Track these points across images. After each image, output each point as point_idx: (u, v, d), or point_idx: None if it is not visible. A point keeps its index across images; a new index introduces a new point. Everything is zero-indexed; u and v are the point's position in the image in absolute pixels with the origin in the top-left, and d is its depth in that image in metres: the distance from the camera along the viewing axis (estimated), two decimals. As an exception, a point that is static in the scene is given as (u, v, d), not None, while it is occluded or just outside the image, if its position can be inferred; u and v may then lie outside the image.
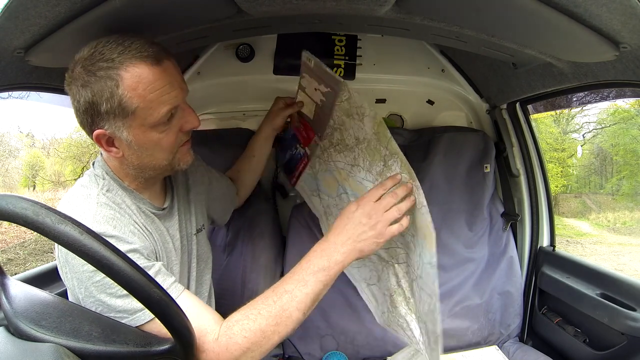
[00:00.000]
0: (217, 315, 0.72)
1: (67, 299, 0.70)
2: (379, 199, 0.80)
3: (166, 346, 0.59)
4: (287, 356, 1.27)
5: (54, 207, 0.50)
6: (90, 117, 0.71)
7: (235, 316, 0.71)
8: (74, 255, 0.61)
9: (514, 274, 1.31)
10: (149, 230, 0.78)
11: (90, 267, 0.61)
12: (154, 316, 0.63)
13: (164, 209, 0.85)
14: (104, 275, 0.58)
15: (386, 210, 0.78)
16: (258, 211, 1.35)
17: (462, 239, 1.32)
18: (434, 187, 1.34)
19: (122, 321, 0.66)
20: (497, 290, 1.31)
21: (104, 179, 0.77)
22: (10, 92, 0.88)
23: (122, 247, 0.68)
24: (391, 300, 1.04)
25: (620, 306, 1.00)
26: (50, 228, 0.47)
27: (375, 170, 0.97)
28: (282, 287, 0.72)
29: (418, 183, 0.89)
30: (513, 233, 1.37)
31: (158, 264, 0.73)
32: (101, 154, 0.81)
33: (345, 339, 1.28)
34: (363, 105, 0.95)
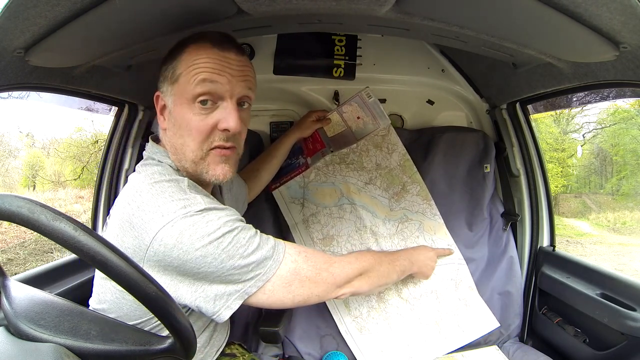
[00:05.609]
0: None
1: (68, 299, 0.70)
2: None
3: (166, 344, 0.59)
4: (287, 356, 1.27)
5: (52, 206, 0.50)
6: (160, 76, 0.78)
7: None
8: (193, 231, 0.65)
9: (514, 274, 1.31)
10: None
11: (216, 235, 0.66)
12: (281, 258, 0.74)
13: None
14: (232, 236, 0.66)
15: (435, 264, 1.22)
16: (258, 211, 1.35)
17: (462, 239, 1.32)
18: (434, 187, 1.34)
19: (258, 280, 0.72)
20: (497, 290, 1.31)
21: (178, 170, 0.78)
22: (10, 92, 0.88)
23: (234, 215, 0.72)
24: (378, 298, 1.26)
25: (620, 306, 1.00)
26: (45, 225, 0.47)
27: (392, 191, 1.32)
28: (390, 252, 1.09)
29: (433, 202, 1.31)
30: (513, 233, 1.37)
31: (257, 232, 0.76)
32: (154, 142, 0.82)
33: (344, 339, 1.28)
34: (397, 144, 1.32)
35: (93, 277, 0.81)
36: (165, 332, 0.70)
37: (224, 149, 0.76)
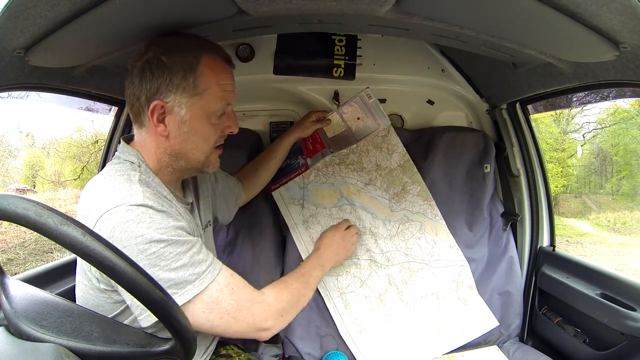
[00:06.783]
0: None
1: (68, 298, 0.71)
2: (347, 228, 1.22)
3: (167, 346, 0.59)
4: (287, 356, 1.27)
5: (54, 208, 0.50)
6: (158, 84, 0.75)
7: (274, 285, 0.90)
8: (123, 229, 0.66)
9: (514, 274, 1.31)
10: (186, 220, 0.80)
11: (144, 239, 0.67)
12: (204, 287, 0.72)
13: (189, 203, 0.88)
14: (159, 247, 0.66)
15: (352, 235, 1.21)
16: (258, 211, 1.35)
17: (462, 239, 1.32)
18: (434, 187, 1.34)
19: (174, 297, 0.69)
20: (497, 290, 1.31)
21: (139, 167, 0.78)
22: (10, 92, 0.89)
23: (171, 222, 0.71)
24: (379, 301, 1.26)
25: (620, 306, 1.00)
26: (52, 229, 0.47)
27: (392, 191, 1.32)
28: (301, 272, 1.00)
29: (434, 202, 1.32)
30: (513, 233, 1.37)
31: (200, 241, 0.76)
32: (126, 142, 0.82)
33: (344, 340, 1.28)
34: (398, 145, 1.33)
35: None
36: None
37: (220, 146, 0.87)
